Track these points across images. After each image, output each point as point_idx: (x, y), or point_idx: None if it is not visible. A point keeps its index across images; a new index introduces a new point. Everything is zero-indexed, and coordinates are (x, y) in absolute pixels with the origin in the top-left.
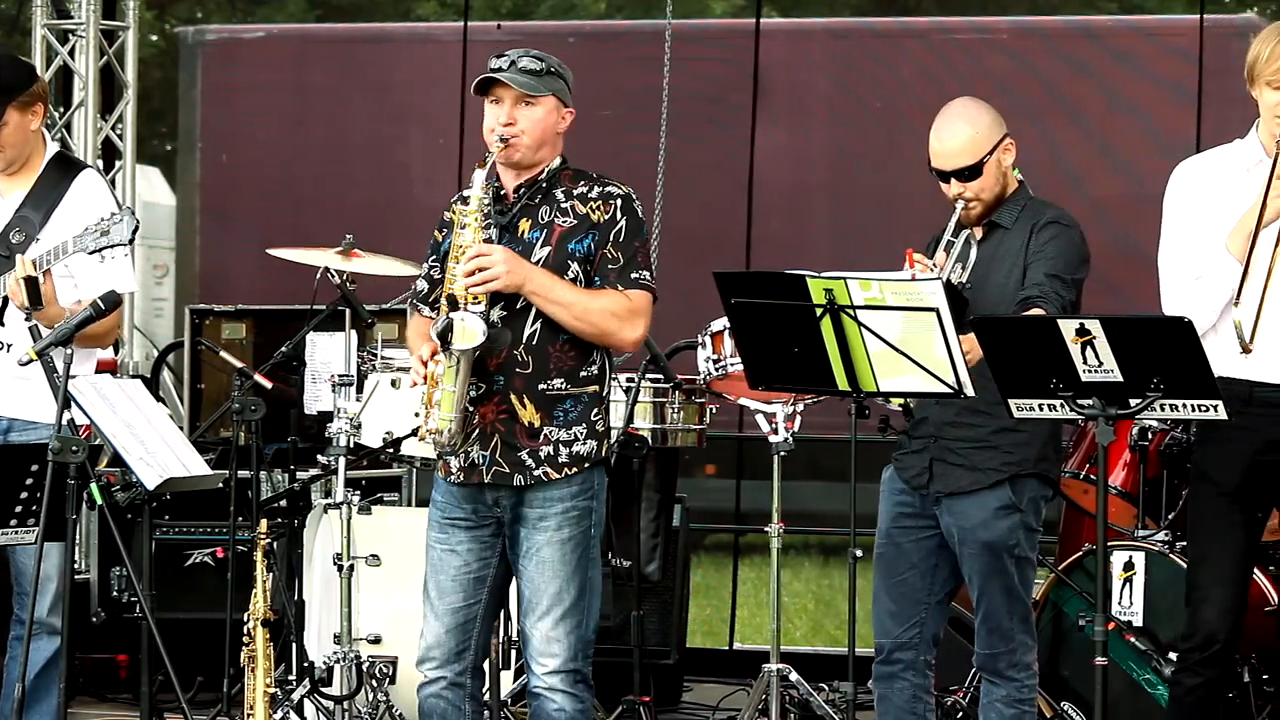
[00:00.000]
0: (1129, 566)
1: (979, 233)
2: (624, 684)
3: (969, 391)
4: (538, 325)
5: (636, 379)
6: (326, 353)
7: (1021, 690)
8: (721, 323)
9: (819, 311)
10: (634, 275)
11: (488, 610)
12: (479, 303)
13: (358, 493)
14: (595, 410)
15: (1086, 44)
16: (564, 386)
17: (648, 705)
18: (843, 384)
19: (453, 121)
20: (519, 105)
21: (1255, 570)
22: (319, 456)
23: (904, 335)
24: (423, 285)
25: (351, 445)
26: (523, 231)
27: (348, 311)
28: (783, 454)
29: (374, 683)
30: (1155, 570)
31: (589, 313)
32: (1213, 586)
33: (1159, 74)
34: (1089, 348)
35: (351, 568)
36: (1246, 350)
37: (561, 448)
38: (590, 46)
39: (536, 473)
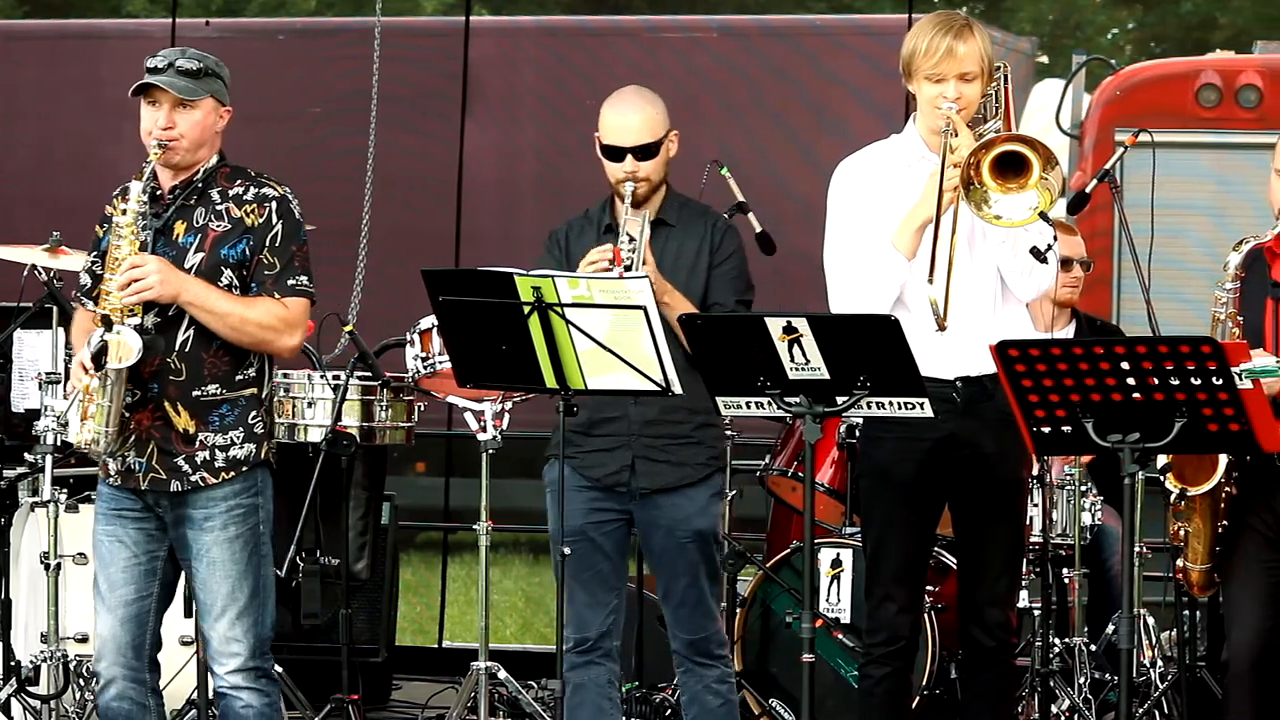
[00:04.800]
0: (836, 564)
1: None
2: (332, 682)
3: (676, 389)
4: (191, 332)
5: (344, 376)
6: (33, 350)
7: (729, 665)
8: (430, 320)
9: (527, 310)
10: (290, 282)
11: (159, 604)
12: (134, 314)
13: (65, 491)
14: (254, 413)
15: (804, 40)
16: (219, 392)
17: (356, 703)
18: (551, 382)
19: None
20: (177, 108)
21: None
22: (26, 454)
23: (612, 333)
24: (85, 280)
25: (59, 443)
26: (177, 235)
27: (54, 309)
28: (491, 452)
29: (81, 681)
30: (862, 568)
31: (245, 323)
32: (892, 585)
33: (878, 65)
34: (796, 345)
35: (59, 566)
36: (942, 327)
37: (218, 453)
38: (300, 44)
39: (193, 478)
